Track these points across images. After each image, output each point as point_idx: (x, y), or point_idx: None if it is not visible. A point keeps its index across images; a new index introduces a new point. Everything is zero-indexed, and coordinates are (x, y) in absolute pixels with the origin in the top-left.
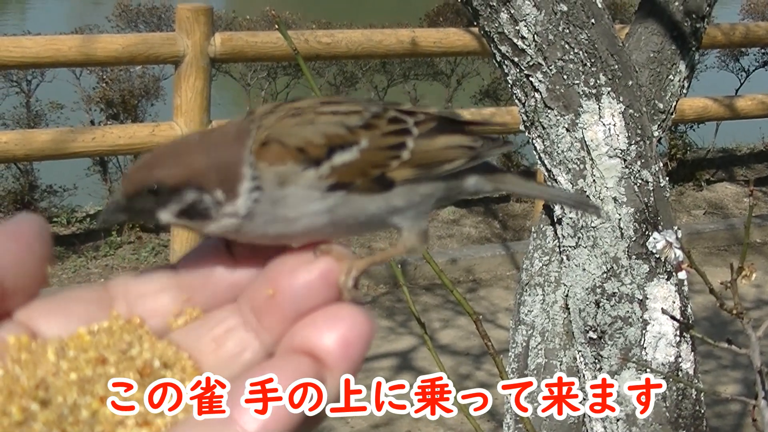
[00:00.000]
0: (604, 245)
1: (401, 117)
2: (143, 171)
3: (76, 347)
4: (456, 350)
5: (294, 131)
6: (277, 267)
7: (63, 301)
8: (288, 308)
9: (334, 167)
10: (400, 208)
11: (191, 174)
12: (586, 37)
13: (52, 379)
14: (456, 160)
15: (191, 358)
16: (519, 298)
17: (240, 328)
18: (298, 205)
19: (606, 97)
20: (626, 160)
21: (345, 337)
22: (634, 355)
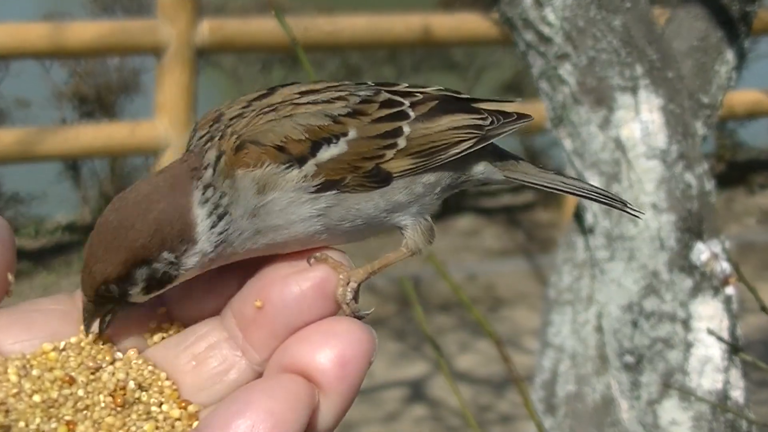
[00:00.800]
0: (641, 257)
1: (396, 99)
2: (87, 273)
3: (40, 365)
4: (475, 378)
5: (270, 128)
6: (267, 276)
7: (26, 313)
8: (278, 322)
9: (320, 164)
10: (401, 203)
11: (129, 255)
12: (621, 24)
13: (13, 402)
14: (462, 142)
15: (170, 378)
16: (546, 317)
17: (224, 344)
18: (284, 211)
19: (643, 90)
20: (666, 161)
21: (342, 355)
22: (677, 381)
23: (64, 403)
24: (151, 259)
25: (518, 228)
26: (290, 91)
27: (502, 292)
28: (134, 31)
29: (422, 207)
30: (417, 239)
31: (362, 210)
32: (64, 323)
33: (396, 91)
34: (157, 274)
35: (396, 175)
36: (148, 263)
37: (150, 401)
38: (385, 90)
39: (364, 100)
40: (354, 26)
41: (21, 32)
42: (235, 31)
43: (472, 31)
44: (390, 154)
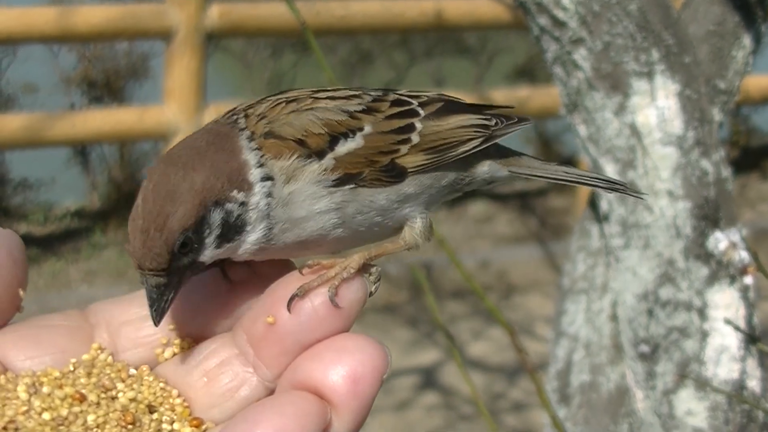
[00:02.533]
0: (657, 245)
1: (404, 98)
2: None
3: (50, 383)
4: (488, 366)
5: (291, 120)
6: (277, 291)
7: (36, 329)
8: (290, 339)
9: (338, 158)
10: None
11: (202, 196)
12: (637, 8)
13: (23, 419)
14: (470, 140)
15: (181, 395)
16: (560, 306)
17: (235, 360)
18: (306, 202)
19: (659, 75)
20: (683, 147)
21: (354, 373)
22: (692, 371)
23: (74, 421)
24: (224, 199)
25: (531, 214)
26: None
27: (515, 279)
28: (143, 15)
29: (430, 200)
30: (415, 234)
31: (375, 203)
32: (74, 339)
33: (403, 94)
34: (231, 217)
35: (410, 170)
36: (222, 204)
37: (161, 419)
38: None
39: (376, 99)
40: (366, 10)
41: (29, 16)
42: (244, 15)
43: (485, 15)
44: (404, 149)
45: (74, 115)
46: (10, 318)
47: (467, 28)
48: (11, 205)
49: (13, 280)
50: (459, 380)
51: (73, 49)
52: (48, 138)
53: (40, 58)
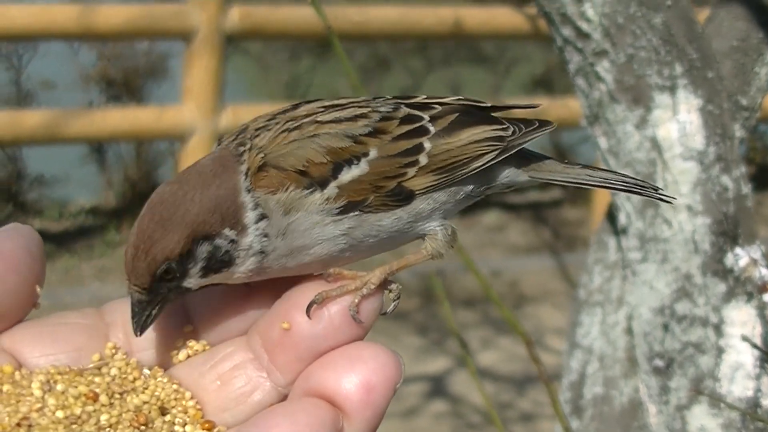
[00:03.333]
0: (675, 260)
1: (415, 114)
2: (142, 258)
3: (64, 381)
4: (497, 375)
5: (292, 150)
6: (293, 297)
7: (52, 327)
8: (304, 345)
9: (341, 186)
10: (424, 214)
11: (191, 229)
12: (661, 21)
13: (36, 417)
14: (484, 155)
15: (194, 397)
16: (575, 317)
17: (249, 365)
18: (309, 231)
19: (682, 90)
20: (703, 163)
21: (367, 381)
22: (707, 387)
23: (87, 420)
24: (213, 234)
25: (545, 225)
26: (314, 105)
27: (527, 289)
28: (163, 15)
29: (445, 213)
30: (438, 244)
31: (385, 226)
32: (90, 338)
33: (415, 104)
34: (218, 252)
35: (418, 192)
36: (210, 239)
37: (174, 420)
38: (404, 104)
39: (385, 117)
40: (384, 17)
41: (49, 13)
42: (264, 17)
43: (504, 24)
44: (412, 172)
45: (92, 113)
46: (26, 314)
47: (485, 37)
48: (27, 201)
49: (31, 276)
50: (468, 388)
51: (93, 47)
52: (65, 135)
53: (59, 55)
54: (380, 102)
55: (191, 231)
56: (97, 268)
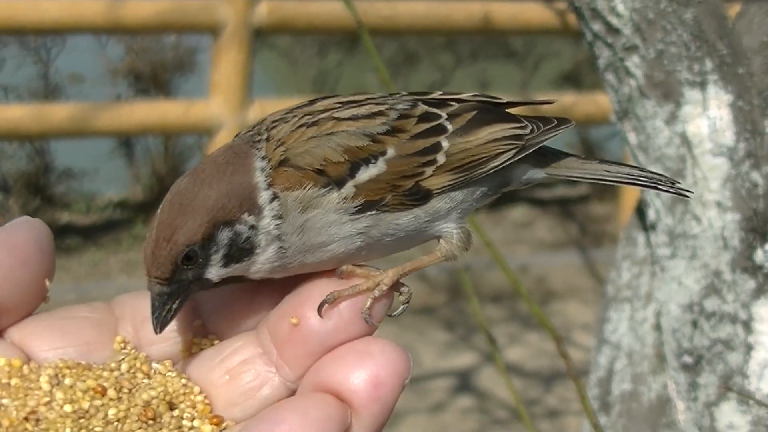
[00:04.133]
0: (704, 256)
1: (433, 112)
2: (164, 246)
3: (73, 375)
4: (524, 371)
5: (310, 149)
6: (304, 293)
7: (61, 320)
8: (313, 340)
9: (359, 185)
10: (441, 213)
11: (212, 215)
12: (692, 17)
13: (44, 411)
14: (502, 154)
15: (203, 392)
16: (603, 313)
17: (258, 360)
18: (325, 229)
19: (712, 86)
20: (733, 159)
21: (376, 376)
22: (735, 384)
23: (95, 415)
24: (233, 219)
25: (572, 221)
26: (331, 101)
27: (554, 285)
28: (192, 9)
29: (462, 212)
30: (452, 246)
31: (402, 225)
32: (99, 331)
33: (432, 101)
34: (239, 239)
35: (436, 191)
36: (230, 224)
37: (182, 415)
38: (421, 101)
39: (402, 115)
40: (413, 11)
41: (78, 7)
42: (292, 12)
43: (532, 19)
44: (429, 171)
45: (120, 107)
46: (35, 308)
47: (514, 32)
48: (55, 194)
49: (40, 270)
50: (494, 384)
51: (121, 41)
52: (93, 128)
53: (87, 49)
54: (397, 99)
55: (212, 216)
56: (124, 262)
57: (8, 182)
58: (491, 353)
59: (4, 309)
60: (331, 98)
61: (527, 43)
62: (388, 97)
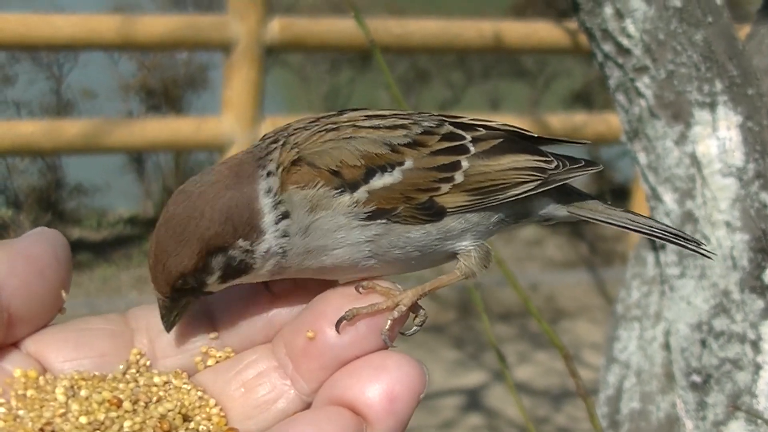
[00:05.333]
0: (713, 276)
1: (457, 133)
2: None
3: (88, 386)
4: (533, 389)
5: (327, 150)
6: (319, 306)
7: (76, 332)
8: (329, 354)
9: (372, 192)
10: (455, 232)
11: (203, 244)
12: (702, 38)
13: (60, 422)
14: (522, 184)
15: (218, 404)
16: (612, 332)
17: (273, 373)
18: (332, 233)
19: (722, 106)
20: (742, 179)
21: (391, 391)
22: (744, 403)
23: (110, 426)
24: (226, 246)
25: (582, 240)
26: (357, 114)
27: (564, 303)
28: (204, 26)
29: (477, 234)
30: (472, 264)
31: (413, 238)
32: (115, 343)
33: (459, 123)
34: (233, 262)
35: (450, 210)
36: (224, 251)
37: (198, 428)
38: (448, 122)
39: (426, 131)
40: (424, 30)
41: (91, 23)
42: (304, 29)
43: (544, 39)
44: (445, 188)
45: (132, 123)
46: (51, 319)
47: (525, 51)
48: (66, 210)
49: (57, 281)
50: (503, 403)
51: (133, 57)
52: (105, 144)
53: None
54: (425, 117)
55: (203, 246)
56: (134, 278)
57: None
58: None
59: (20, 319)
60: (360, 111)
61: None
62: (415, 114)
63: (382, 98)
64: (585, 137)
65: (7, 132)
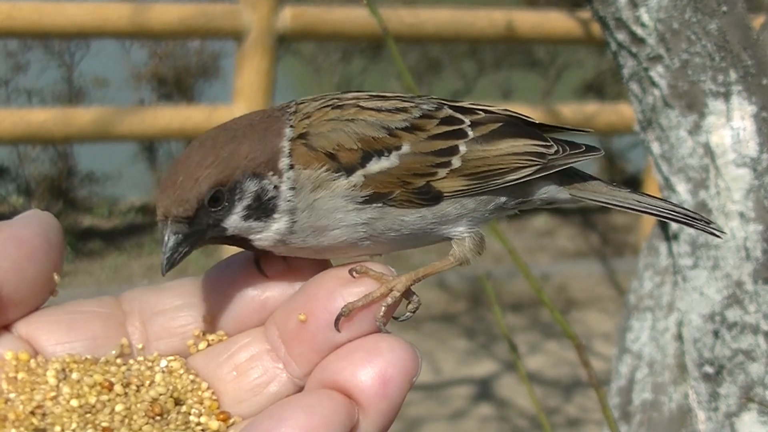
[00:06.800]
0: (726, 267)
1: (456, 117)
2: (190, 184)
3: (80, 370)
4: (544, 379)
5: (325, 132)
6: (311, 289)
7: (69, 315)
8: (321, 337)
9: (368, 176)
10: (451, 217)
11: (244, 163)
12: (716, 27)
13: (51, 405)
14: (521, 169)
15: (210, 387)
16: (625, 322)
17: (266, 356)
18: (331, 213)
19: (736, 96)
20: (756, 170)
21: (383, 374)
22: (757, 394)
23: (101, 410)
24: (261, 174)
25: (593, 230)
26: (362, 93)
27: (575, 294)
28: (216, 15)
29: (473, 220)
30: (465, 250)
31: (408, 222)
32: (107, 326)
33: (458, 107)
34: (264, 194)
35: (447, 194)
36: (258, 178)
37: (190, 411)
38: (448, 105)
39: (425, 115)
40: (436, 19)
41: (103, 11)
42: (316, 18)
43: (556, 29)
44: (443, 173)
45: (143, 111)
46: (43, 302)
47: (537, 41)
48: (77, 198)
49: (48, 264)
50: (514, 393)
51: (145, 46)
52: (116, 132)
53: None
54: (424, 100)
55: (243, 164)
56: (146, 266)
57: (31, 185)
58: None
59: (12, 302)
60: (363, 92)
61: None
62: (416, 97)
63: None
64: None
65: (19, 120)
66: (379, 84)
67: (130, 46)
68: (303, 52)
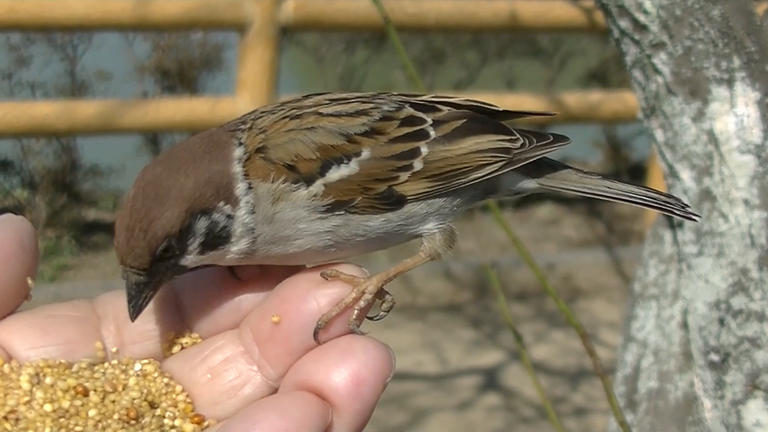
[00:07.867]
0: (731, 254)
1: (418, 116)
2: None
3: (54, 374)
4: (550, 368)
5: (283, 143)
6: (285, 292)
7: (43, 319)
8: (295, 339)
9: (328, 184)
10: (417, 218)
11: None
12: (719, 13)
13: (24, 410)
14: (486, 166)
15: (185, 390)
16: (630, 311)
17: (240, 358)
18: (293, 223)
19: (740, 83)
20: (761, 156)
21: (356, 374)
22: (762, 382)
23: (75, 414)
24: (210, 208)
25: (598, 219)
26: (322, 98)
27: (581, 283)
28: (219, 6)
29: (441, 216)
30: (436, 245)
31: (373, 227)
32: (82, 330)
33: (420, 104)
34: (216, 227)
35: (410, 197)
36: (208, 213)
37: (164, 414)
38: (409, 103)
39: (385, 117)
40: (439, 9)
41: (105, 4)
42: (319, 9)
43: (559, 17)
44: (404, 177)
45: (147, 104)
46: (17, 306)
47: (541, 30)
48: (81, 191)
49: (22, 269)
50: (521, 382)
51: (148, 38)
52: (120, 125)
53: (115, 46)
54: (385, 99)
55: (190, 205)
56: None
57: (35, 179)
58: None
59: None
60: (323, 95)
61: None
62: (377, 97)
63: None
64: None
65: (23, 113)
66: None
67: (133, 38)
68: (306, 43)
